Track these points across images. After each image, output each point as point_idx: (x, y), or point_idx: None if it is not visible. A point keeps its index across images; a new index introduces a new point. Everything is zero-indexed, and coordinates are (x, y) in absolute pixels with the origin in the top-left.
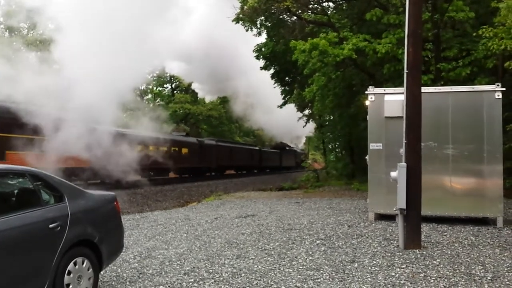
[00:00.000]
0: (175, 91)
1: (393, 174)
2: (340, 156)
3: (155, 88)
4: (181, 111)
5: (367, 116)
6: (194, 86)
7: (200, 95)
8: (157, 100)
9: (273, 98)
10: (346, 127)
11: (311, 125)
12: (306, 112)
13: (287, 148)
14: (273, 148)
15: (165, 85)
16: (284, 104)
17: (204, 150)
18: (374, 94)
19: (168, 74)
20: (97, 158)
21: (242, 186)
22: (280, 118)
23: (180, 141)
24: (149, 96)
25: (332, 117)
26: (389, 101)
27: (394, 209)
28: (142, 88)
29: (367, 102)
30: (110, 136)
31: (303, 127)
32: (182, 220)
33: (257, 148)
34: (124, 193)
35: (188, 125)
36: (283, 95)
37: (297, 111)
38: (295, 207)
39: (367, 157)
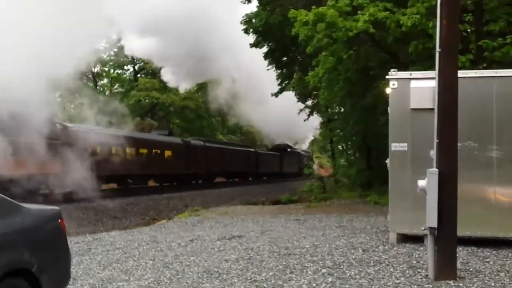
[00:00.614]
0: (138, 75)
1: (421, 183)
2: (352, 160)
3: (112, 70)
4: (147, 100)
5: (388, 108)
6: (165, 73)
7: (172, 84)
8: (116, 87)
9: (267, 84)
10: (361, 122)
11: (316, 120)
12: (309, 102)
13: (289, 150)
14: (272, 150)
15: (125, 67)
16: (280, 92)
17: (190, 153)
18: (397, 79)
19: (128, 54)
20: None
21: (226, 199)
22: (275, 110)
23: (162, 141)
24: (105, 81)
25: (342, 109)
26: (416, 88)
27: (423, 228)
28: (95, 71)
29: (388, 90)
30: (66, 133)
31: (305, 120)
32: (147, 243)
33: (252, 150)
34: (73, 207)
35: (156, 119)
36: (280, 81)
37: (298, 101)
38: (294, 225)
39: (387, 161)
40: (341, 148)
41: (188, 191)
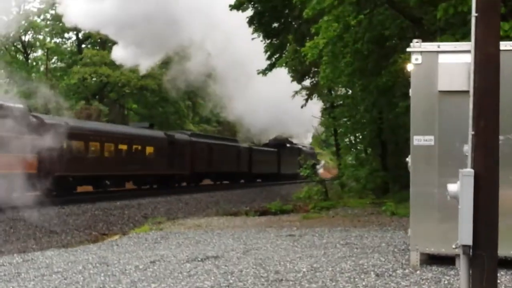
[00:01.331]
0: (83, 45)
1: (452, 187)
2: (363, 158)
3: (48, 39)
4: (94, 79)
5: (410, 91)
6: (118, 50)
7: (129, 64)
8: (53, 61)
9: (252, 59)
10: (374, 108)
11: (315, 106)
12: (307, 82)
13: (289, 145)
14: (268, 146)
15: (66, 35)
16: (269, 68)
17: (175, 150)
18: (421, 53)
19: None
20: None
21: (198, 208)
22: (263, 93)
23: (144, 136)
24: (39, 53)
25: (350, 92)
26: (446, 64)
27: (454, 246)
28: (26, 39)
29: (409, 67)
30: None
31: (302, 107)
32: (94, 265)
33: (246, 146)
34: None
35: (106, 104)
36: (269, 54)
37: (292, 81)
38: (287, 243)
39: (408, 159)
40: (348, 142)
41: (158, 197)
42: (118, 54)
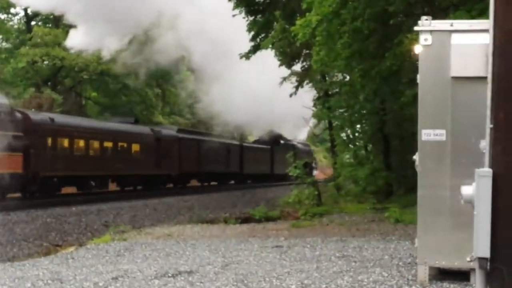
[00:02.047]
0: (32, 22)
1: (467, 190)
2: (363, 155)
3: None
4: (46, 62)
5: (417, 76)
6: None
7: (92, 49)
8: None
9: (233, 40)
10: (376, 97)
11: (307, 95)
12: (298, 66)
13: (282, 142)
14: (259, 143)
15: (12, 10)
16: (253, 51)
17: (162, 148)
18: (431, 31)
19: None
20: None
21: (170, 214)
22: (245, 81)
23: (129, 132)
24: None
25: (347, 78)
26: (460, 46)
27: (469, 259)
28: None
29: (417, 49)
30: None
31: (290, 96)
32: (46, 282)
33: (236, 143)
34: None
35: (60, 91)
36: (253, 34)
37: (280, 65)
38: (273, 255)
39: (415, 157)
40: (345, 138)
41: (122, 202)
42: (77, 39)
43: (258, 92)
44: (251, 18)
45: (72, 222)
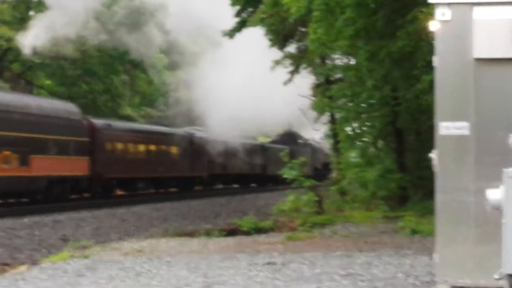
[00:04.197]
0: None
1: (494, 194)
2: (372, 154)
3: None
4: None
5: (434, 59)
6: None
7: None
8: None
9: (216, 15)
10: (386, 84)
11: (304, 81)
12: (292, 48)
13: (300, 141)
14: (278, 142)
15: None
16: (238, 28)
17: (195, 150)
18: (449, 4)
19: None
20: None
21: (140, 226)
22: (230, 65)
23: (171, 135)
24: None
25: (352, 61)
26: (484, 22)
27: (496, 276)
28: None
29: (433, 25)
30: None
31: (284, 84)
32: None
33: (258, 144)
34: None
35: (7, 79)
36: (238, 9)
37: (272, 46)
38: (265, 274)
39: (433, 155)
40: (351, 133)
41: (82, 211)
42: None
43: (247, 79)
44: None
45: (23, 236)
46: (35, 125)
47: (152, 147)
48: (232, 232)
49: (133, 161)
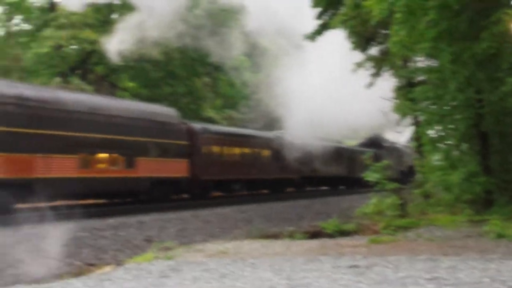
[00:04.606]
0: None
1: None
2: (456, 157)
3: None
4: (74, 46)
5: None
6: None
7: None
8: (17, 21)
9: (296, 18)
10: (470, 86)
11: (385, 85)
12: (374, 50)
13: (385, 144)
14: (365, 146)
15: None
16: (319, 31)
17: (286, 153)
18: None
19: None
20: None
21: (224, 228)
22: (312, 68)
23: (262, 139)
24: None
25: (435, 63)
26: None
27: None
28: None
29: None
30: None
31: (366, 87)
32: None
33: (345, 147)
34: None
35: (91, 81)
36: (320, 12)
37: (354, 48)
38: (349, 277)
39: None
40: (434, 135)
41: (167, 213)
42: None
43: (328, 82)
44: None
45: (108, 236)
46: (139, 129)
47: (246, 150)
48: (315, 234)
49: (228, 163)
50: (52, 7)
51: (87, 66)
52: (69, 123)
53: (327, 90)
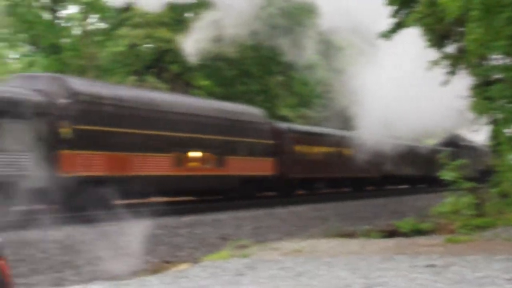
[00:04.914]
0: None
1: None
2: None
3: None
4: (149, 45)
5: None
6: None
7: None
8: (92, 20)
9: (369, 16)
10: None
11: (461, 83)
12: (450, 48)
13: (463, 144)
14: (443, 145)
15: None
16: (394, 30)
17: (367, 151)
18: None
19: None
20: None
21: (299, 226)
22: (387, 67)
23: (344, 138)
24: (73, 10)
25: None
26: None
27: None
28: None
29: None
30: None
31: (442, 85)
32: None
33: (424, 146)
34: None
35: (166, 79)
36: (395, 9)
37: (430, 46)
38: (425, 276)
39: None
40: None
41: (241, 211)
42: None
43: (400, 80)
44: None
45: (184, 234)
46: (229, 129)
47: (329, 149)
48: (391, 233)
49: (312, 162)
50: (127, 7)
51: (162, 65)
52: (163, 123)
53: (402, 89)
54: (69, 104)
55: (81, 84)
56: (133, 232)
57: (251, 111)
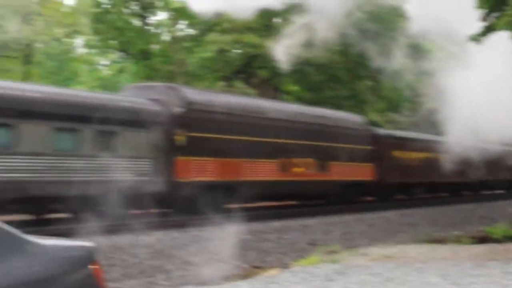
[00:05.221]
0: None
1: None
2: None
3: None
4: (238, 50)
5: None
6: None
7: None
8: (180, 26)
9: (458, 19)
10: None
11: None
12: None
13: None
14: None
15: None
16: (484, 33)
17: (463, 156)
18: None
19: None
20: None
21: (389, 232)
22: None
23: (439, 142)
24: (163, 16)
25: None
26: None
27: None
28: None
29: None
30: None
31: None
32: None
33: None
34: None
35: (255, 85)
36: (486, 12)
37: None
38: None
39: None
40: None
41: (330, 216)
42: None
43: (490, 85)
44: None
45: (272, 239)
46: (331, 136)
47: (426, 154)
48: (482, 239)
49: (410, 167)
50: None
51: (250, 70)
52: (270, 131)
53: (493, 93)
54: (183, 113)
55: (194, 93)
56: (223, 237)
57: (351, 118)
